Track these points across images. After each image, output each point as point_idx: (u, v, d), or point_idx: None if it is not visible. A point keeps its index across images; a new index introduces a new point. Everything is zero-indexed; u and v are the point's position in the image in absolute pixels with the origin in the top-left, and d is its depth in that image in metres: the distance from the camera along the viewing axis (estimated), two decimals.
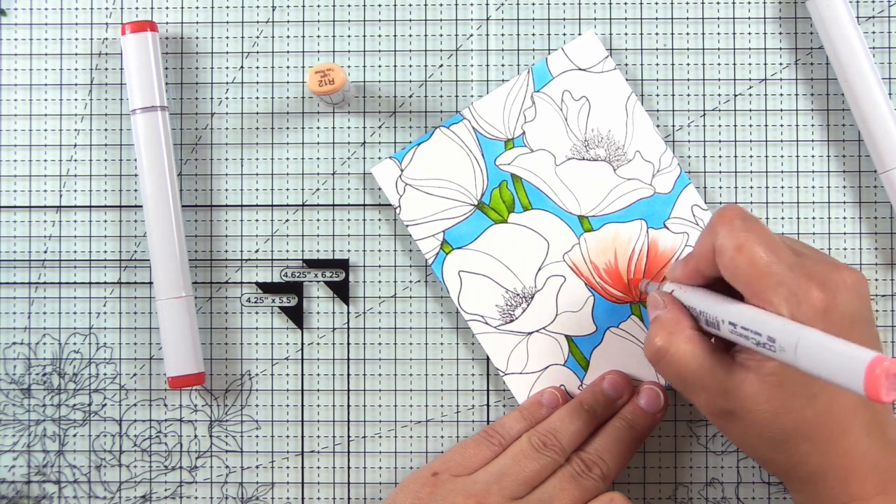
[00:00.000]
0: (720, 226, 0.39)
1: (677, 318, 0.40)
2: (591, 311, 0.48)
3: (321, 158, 0.50)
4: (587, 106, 0.49)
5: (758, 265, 0.37)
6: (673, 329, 0.40)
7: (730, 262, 0.38)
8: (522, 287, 0.48)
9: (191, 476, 0.50)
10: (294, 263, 0.50)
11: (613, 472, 0.45)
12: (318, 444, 0.50)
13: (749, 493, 0.49)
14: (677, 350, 0.39)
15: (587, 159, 0.48)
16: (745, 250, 0.38)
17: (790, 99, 0.50)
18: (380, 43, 0.50)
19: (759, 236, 0.38)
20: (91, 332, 0.50)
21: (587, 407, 0.46)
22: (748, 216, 0.39)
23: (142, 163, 0.48)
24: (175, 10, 0.51)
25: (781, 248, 0.38)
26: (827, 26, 0.48)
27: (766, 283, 0.37)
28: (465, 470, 0.45)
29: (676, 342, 0.39)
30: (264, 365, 0.50)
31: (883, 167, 0.48)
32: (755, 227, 0.39)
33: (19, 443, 0.50)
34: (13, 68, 0.51)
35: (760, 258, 0.37)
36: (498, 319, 0.48)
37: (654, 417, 0.46)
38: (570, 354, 0.48)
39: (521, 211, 0.49)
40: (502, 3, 0.50)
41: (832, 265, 0.39)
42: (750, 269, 0.37)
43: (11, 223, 0.50)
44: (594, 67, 0.49)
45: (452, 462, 0.45)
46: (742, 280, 0.38)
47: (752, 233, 0.38)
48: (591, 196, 0.49)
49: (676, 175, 0.48)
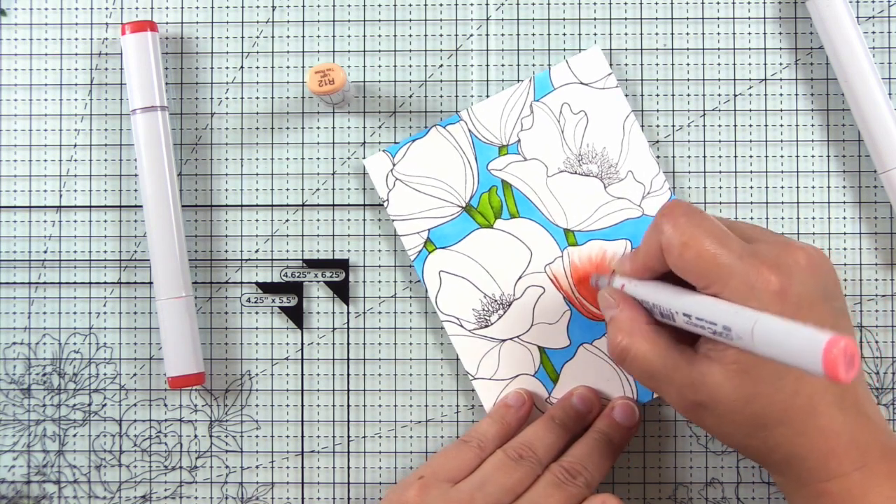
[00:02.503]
0: (664, 223, 0.39)
1: (633, 316, 0.40)
2: (566, 325, 0.48)
3: (321, 158, 0.50)
4: (585, 120, 0.48)
5: (706, 258, 0.37)
6: (630, 328, 0.40)
7: (678, 259, 0.38)
8: (501, 293, 0.48)
9: (191, 476, 0.50)
10: (294, 263, 0.50)
11: (596, 481, 0.45)
12: (318, 444, 0.50)
13: (749, 493, 0.49)
14: (639, 349, 0.40)
15: (579, 173, 0.48)
16: (691, 245, 0.38)
17: (790, 99, 0.50)
18: (380, 43, 0.50)
19: (705, 229, 0.38)
20: (91, 332, 0.50)
21: (558, 421, 0.46)
22: (693, 210, 0.39)
23: (142, 163, 0.48)
24: (175, 10, 0.51)
25: (729, 237, 0.38)
26: (827, 26, 0.48)
27: (717, 274, 0.37)
28: (450, 472, 0.45)
29: (636, 342, 0.40)
30: (264, 365, 0.50)
31: (883, 167, 0.48)
32: (700, 221, 0.39)
33: (19, 443, 0.50)
34: (13, 68, 0.51)
35: (707, 251, 0.38)
36: (473, 323, 0.48)
37: (630, 431, 0.47)
38: (541, 366, 0.48)
39: (507, 218, 0.48)
40: (502, 3, 0.50)
41: (785, 246, 0.39)
42: (699, 263, 0.38)
43: (11, 223, 0.50)
44: (596, 83, 0.49)
45: (436, 466, 0.45)
46: (693, 275, 0.38)
47: (698, 227, 0.38)
48: (579, 211, 0.48)
49: (667, 199, 0.48)
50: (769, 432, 0.38)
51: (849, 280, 0.49)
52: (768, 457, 0.40)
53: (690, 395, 0.39)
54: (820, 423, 0.38)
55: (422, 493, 0.43)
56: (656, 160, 0.49)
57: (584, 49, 0.50)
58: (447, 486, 0.44)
